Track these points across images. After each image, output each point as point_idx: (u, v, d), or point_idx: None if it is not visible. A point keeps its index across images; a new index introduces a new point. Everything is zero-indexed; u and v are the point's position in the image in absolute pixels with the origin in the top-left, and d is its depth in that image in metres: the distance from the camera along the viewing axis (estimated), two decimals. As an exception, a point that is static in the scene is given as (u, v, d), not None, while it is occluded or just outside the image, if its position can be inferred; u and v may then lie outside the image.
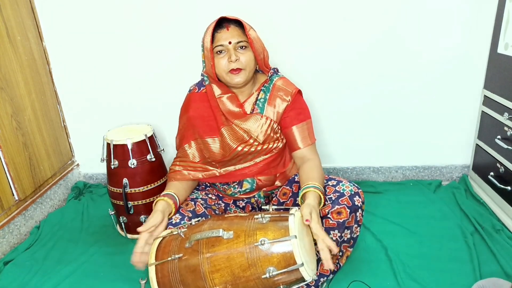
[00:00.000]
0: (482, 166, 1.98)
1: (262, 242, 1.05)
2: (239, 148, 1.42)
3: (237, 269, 1.06)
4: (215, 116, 1.44)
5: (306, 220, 1.13)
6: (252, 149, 1.43)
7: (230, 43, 1.34)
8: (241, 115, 1.44)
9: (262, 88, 1.46)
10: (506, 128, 1.73)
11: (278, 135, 1.47)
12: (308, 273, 1.06)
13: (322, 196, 1.28)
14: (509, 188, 1.72)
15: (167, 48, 2.03)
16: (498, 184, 1.77)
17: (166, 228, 1.32)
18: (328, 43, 1.96)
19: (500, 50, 1.78)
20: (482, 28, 1.87)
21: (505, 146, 1.71)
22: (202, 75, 1.49)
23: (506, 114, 1.72)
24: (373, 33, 1.93)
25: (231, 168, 1.48)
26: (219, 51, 1.36)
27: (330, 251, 1.11)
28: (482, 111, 1.95)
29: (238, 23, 1.37)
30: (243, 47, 1.36)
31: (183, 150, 1.51)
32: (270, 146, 1.45)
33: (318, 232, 1.13)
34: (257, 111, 1.44)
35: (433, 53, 1.94)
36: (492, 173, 1.86)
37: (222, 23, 1.37)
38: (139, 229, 1.26)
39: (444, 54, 1.94)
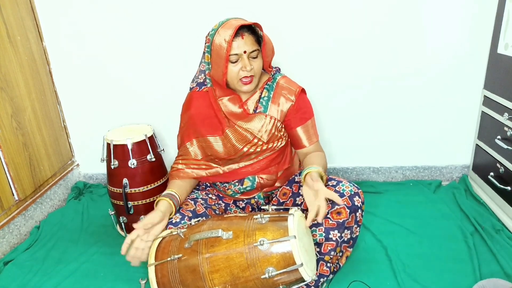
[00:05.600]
0: (482, 166, 1.97)
1: (261, 243, 1.05)
2: (245, 149, 1.44)
3: (236, 269, 1.06)
4: (219, 119, 1.45)
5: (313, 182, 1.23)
6: (258, 149, 1.45)
7: (245, 52, 1.34)
8: (244, 115, 1.44)
9: (266, 86, 1.47)
10: (506, 128, 1.73)
11: (281, 133, 1.48)
12: (308, 273, 1.06)
13: (323, 175, 1.31)
14: (509, 188, 1.72)
15: (167, 48, 2.03)
16: (498, 184, 1.77)
17: (165, 229, 1.32)
18: (328, 43, 1.96)
19: (500, 50, 1.78)
20: (482, 28, 1.87)
21: (505, 146, 1.71)
22: (202, 73, 1.49)
23: (506, 114, 1.72)
24: (373, 34, 1.92)
25: (235, 166, 1.49)
26: (233, 60, 1.35)
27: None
28: (482, 111, 1.95)
29: (250, 30, 1.36)
30: (255, 56, 1.37)
31: (185, 148, 1.52)
32: (274, 145, 1.47)
33: (327, 192, 1.21)
34: (260, 109, 1.45)
35: (433, 53, 1.94)
36: (492, 173, 1.86)
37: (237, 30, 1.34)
38: (134, 225, 1.27)
39: (444, 54, 1.94)
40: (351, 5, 1.89)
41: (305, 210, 1.38)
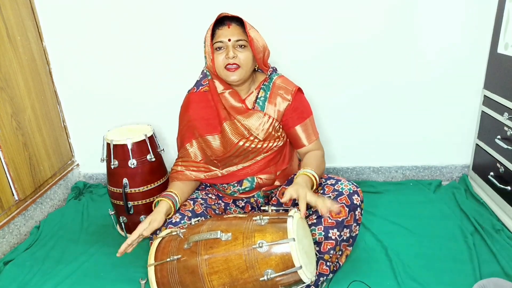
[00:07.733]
0: (482, 166, 1.97)
1: (260, 245, 1.05)
2: (241, 143, 1.43)
3: (235, 271, 1.06)
4: (218, 111, 1.45)
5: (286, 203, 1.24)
6: (253, 146, 1.44)
7: (229, 40, 1.36)
8: (244, 110, 1.45)
9: (262, 86, 1.48)
10: (506, 128, 1.73)
11: (279, 133, 1.48)
12: (307, 275, 1.06)
13: (313, 178, 1.31)
14: (509, 188, 1.72)
15: (167, 48, 2.03)
16: (498, 184, 1.77)
17: (165, 228, 1.33)
18: (328, 43, 1.95)
19: (500, 50, 1.78)
20: (482, 28, 1.87)
21: (505, 146, 1.71)
22: (204, 70, 1.50)
23: (506, 114, 1.72)
24: (372, 33, 1.92)
25: (233, 168, 1.49)
26: (219, 47, 1.38)
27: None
28: (482, 111, 1.95)
29: (239, 22, 1.39)
30: (242, 46, 1.38)
31: (185, 149, 1.52)
32: (271, 144, 1.47)
33: (315, 201, 1.17)
34: (257, 109, 1.45)
35: (433, 53, 1.94)
36: (492, 173, 1.86)
37: (224, 20, 1.39)
38: (145, 232, 1.30)
39: (444, 54, 1.94)
40: (351, 7, 1.88)
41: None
